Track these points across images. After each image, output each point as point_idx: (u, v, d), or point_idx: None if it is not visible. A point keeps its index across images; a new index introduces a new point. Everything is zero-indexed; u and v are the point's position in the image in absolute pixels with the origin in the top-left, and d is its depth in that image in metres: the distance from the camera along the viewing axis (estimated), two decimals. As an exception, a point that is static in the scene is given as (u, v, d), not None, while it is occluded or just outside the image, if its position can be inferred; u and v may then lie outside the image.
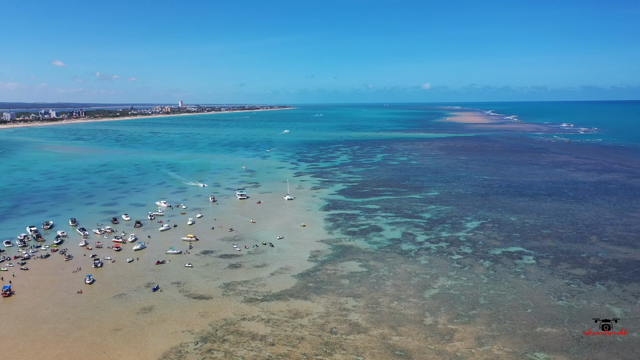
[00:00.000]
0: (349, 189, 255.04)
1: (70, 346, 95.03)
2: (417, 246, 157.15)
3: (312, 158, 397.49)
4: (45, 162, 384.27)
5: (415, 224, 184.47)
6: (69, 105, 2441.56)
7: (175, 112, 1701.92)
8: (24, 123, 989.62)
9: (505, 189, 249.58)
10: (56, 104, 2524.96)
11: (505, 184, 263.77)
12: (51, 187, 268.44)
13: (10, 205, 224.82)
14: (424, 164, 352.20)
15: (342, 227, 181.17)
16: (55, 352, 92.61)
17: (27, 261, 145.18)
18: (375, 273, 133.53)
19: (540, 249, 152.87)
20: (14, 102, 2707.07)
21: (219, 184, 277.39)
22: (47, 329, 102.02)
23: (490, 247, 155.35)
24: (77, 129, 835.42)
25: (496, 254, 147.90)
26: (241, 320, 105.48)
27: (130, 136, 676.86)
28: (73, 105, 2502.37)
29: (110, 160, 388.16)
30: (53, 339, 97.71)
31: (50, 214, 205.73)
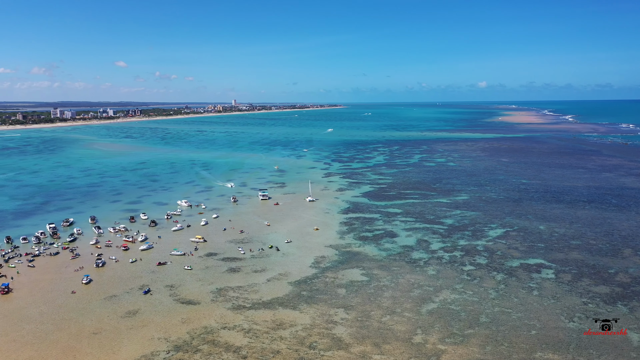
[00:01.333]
0: (375, 191, 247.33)
1: (44, 349, 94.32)
2: (429, 255, 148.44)
3: (347, 158, 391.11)
4: (89, 159, 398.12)
5: (433, 230, 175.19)
6: (130, 104, 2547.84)
7: (227, 111, 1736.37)
8: (82, 121, 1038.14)
9: (542, 194, 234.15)
10: (118, 103, 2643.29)
11: (543, 189, 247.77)
12: (85, 184, 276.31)
13: (41, 201, 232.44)
14: (461, 166, 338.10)
15: (356, 231, 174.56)
16: (26, 355, 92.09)
17: (37, 258, 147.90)
18: (376, 283, 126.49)
19: (563, 261, 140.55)
20: (81, 100, 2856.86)
21: (247, 183, 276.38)
22: (28, 330, 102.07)
23: (508, 258, 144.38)
24: (130, 127, 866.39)
25: (512, 266, 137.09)
26: (221, 329, 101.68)
27: (176, 134, 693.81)
28: (134, 104, 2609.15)
29: (150, 158, 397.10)
30: (30, 340, 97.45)
31: (74, 210, 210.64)
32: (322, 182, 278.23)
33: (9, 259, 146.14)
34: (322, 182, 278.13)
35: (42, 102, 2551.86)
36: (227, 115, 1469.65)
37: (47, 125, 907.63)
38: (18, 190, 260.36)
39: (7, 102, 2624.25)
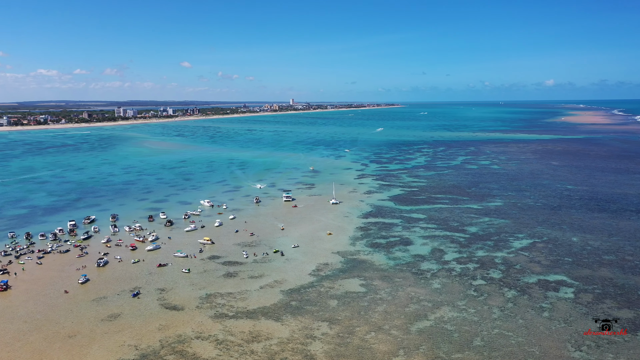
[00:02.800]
0: (404, 195, 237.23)
1: (16, 349, 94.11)
2: (439, 266, 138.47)
3: (386, 159, 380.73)
4: (134, 157, 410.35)
5: (453, 238, 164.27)
6: (193, 103, 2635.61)
7: (282, 110, 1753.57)
8: (142, 120, 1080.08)
9: (585, 202, 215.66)
10: (182, 102, 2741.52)
11: (588, 196, 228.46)
12: (120, 182, 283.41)
13: (74, 198, 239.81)
14: (505, 169, 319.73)
15: (370, 237, 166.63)
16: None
17: (47, 255, 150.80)
18: (372, 295, 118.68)
19: (588, 279, 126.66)
20: (148, 100, 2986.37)
21: (277, 184, 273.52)
22: (8, 329, 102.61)
23: (526, 272, 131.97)
24: (184, 126, 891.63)
25: (528, 283, 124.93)
26: (194, 339, 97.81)
27: (226, 133, 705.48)
28: (197, 103, 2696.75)
29: (191, 157, 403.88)
30: (6, 340, 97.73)
31: (101, 208, 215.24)
32: (353, 183, 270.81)
33: (21, 255, 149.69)
34: (352, 183, 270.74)
35: (113, 102, 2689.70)
36: (281, 114, 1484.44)
37: (110, 123, 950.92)
38: (58, 187, 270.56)
39: (82, 101, 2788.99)
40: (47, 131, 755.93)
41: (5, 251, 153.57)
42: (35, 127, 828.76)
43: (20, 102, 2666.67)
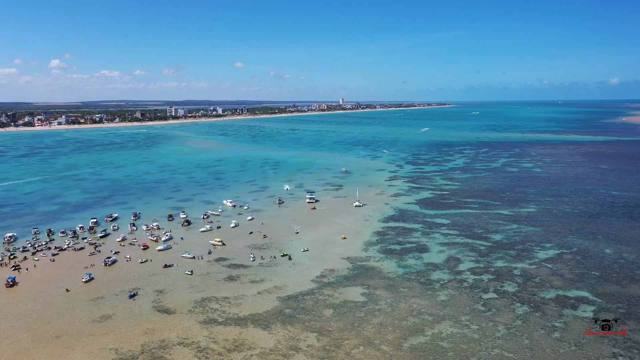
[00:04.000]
0: (432, 198, 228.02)
1: (2, 348, 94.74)
2: (451, 276, 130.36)
3: (423, 161, 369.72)
4: (174, 155, 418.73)
5: (473, 247, 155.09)
6: (246, 102, 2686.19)
7: (331, 110, 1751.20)
8: (192, 119, 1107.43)
9: (629, 210, 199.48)
10: (235, 102, 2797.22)
11: (635, 203, 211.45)
12: (153, 180, 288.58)
13: (104, 195, 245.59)
14: (548, 172, 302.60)
15: (385, 243, 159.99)
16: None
17: (62, 252, 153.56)
18: (371, 306, 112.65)
19: (614, 297, 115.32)
20: (203, 99, 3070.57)
21: (305, 184, 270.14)
22: (1, 327, 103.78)
23: (545, 287, 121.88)
24: (230, 125, 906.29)
25: (544, 298, 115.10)
26: (176, 345, 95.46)
27: (268, 132, 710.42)
28: (249, 102, 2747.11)
29: (228, 156, 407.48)
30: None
31: (128, 206, 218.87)
32: (382, 185, 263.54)
33: (37, 252, 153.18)
34: (382, 185, 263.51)
35: (169, 101, 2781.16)
36: (328, 114, 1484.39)
37: (161, 122, 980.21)
38: (93, 184, 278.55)
39: (140, 101, 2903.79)
40: (101, 130, 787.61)
41: (24, 247, 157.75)
42: (91, 126, 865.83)
43: (84, 101, 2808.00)
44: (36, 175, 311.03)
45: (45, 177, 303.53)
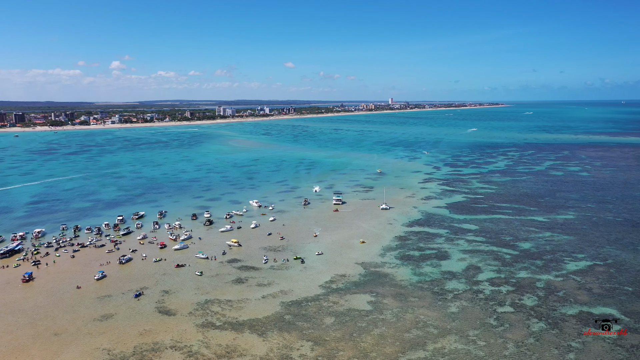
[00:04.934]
0: (464, 202, 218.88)
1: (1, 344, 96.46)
2: (468, 286, 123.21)
3: (463, 162, 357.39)
4: (213, 154, 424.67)
5: (498, 255, 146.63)
6: (296, 102, 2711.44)
7: (378, 109, 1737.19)
8: (239, 118, 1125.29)
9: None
10: (285, 101, 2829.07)
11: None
12: (187, 179, 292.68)
13: (137, 193, 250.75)
14: (596, 176, 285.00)
15: (404, 249, 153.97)
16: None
17: (83, 249, 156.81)
18: (375, 315, 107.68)
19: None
20: (254, 99, 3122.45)
21: (335, 185, 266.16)
22: (8, 321, 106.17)
23: (568, 302, 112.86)
24: (275, 125, 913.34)
25: (565, 314, 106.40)
26: (168, 348, 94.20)
27: (311, 132, 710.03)
28: (299, 102, 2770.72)
29: (265, 156, 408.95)
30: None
31: (157, 204, 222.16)
32: (414, 188, 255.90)
33: (59, 247, 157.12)
34: (414, 188, 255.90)
35: (222, 101, 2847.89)
36: (375, 113, 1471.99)
37: (208, 121, 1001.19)
38: (129, 182, 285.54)
39: (194, 101, 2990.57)
40: (150, 129, 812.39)
41: (49, 242, 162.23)
42: (142, 125, 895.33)
43: (141, 101, 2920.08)
44: (79, 173, 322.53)
45: (87, 175, 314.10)
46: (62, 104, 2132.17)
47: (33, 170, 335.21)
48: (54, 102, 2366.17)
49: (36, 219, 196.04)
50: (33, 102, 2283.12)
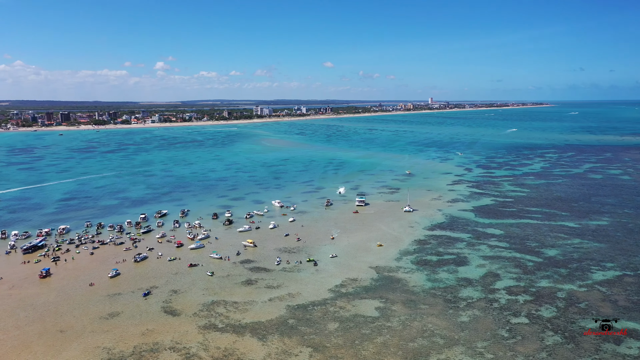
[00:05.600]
0: (492, 206, 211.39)
1: (8, 338, 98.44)
2: (483, 294, 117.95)
3: (497, 164, 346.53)
4: (244, 154, 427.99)
5: (520, 262, 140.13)
6: (334, 102, 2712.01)
7: (417, 109, 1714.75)
8: (275, 118, 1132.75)
9: None
10: (324, 101, 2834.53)
11: None
12: (215, 178, 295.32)
13: (164, 191, 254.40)
14: (637, 180, 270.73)
15: (422, 253, 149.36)
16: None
17: (103, 246, 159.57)
18: (381, 322, 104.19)
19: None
20: (293, 99, 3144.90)
21: (361, 186, 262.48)
22: (17, 316, 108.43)
23: (590, 314, 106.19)
24: (311, 124, 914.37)
25: (585, 328, 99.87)
26: (167, 349, 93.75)
27: (345, 132, 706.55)
28: (338, 102, 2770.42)
29: (295, 155, 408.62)
30: (7, 327, 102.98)
31: (182, 202, 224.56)
32: (442, 190, 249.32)
33: (80, 244, 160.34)
34: (441, 190, 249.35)
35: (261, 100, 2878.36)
36: (412, 113, 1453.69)
37: (245, 121, 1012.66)
38: (159, 180, 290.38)
39: (234, 100, 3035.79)
40: (188, 128, 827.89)
41: (72, 239, 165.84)
42: (180, 124, 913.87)
43: (184, 101, 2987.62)
44: (112, 171, 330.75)
45: (120, 173, 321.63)
46: (108, 104, 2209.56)
47: (70, 168, 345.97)
48: (101, 102, 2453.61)
49: (64, 216, 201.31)
50: (81, 102, 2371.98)
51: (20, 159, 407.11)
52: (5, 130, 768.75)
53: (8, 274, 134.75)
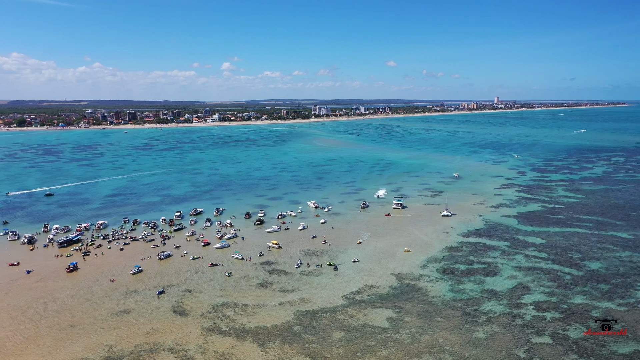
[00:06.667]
0: (539, 212, 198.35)
1: (23, 330, 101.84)
2: (507, 309, 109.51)
3: (554, 167, 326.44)
4: (293, 153, 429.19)
5: (556, 275, 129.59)
6: (397, 101, 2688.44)
7: (480, 109, 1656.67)
8: (333, 117, 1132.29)
9: None
10: (386, 100, 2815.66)
11: None
12: (258, 177, 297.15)
13: (206, 190, 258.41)
14: None
15: (450, 261, 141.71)
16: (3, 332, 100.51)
17: (134, 242, 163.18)
18: (389, 334, 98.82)
19: None
20: (355, 98, 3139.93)
21: (403, 188, 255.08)
22: (36, 308, 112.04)
23: (624, 338, 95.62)
24: (367, 124, 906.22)
25: (615, 352, 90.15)
26: (166, 350, 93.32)
27: (400, 132, 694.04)
28: (401, 101, 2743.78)
29: (344, 155, 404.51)
30: (24, 318, 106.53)
31: (219, 201, 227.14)
32: (488, 194, 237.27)
33: (113, 240, 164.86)
34: (487, 194, 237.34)
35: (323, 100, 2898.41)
36: (475, 113, 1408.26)
37: (302, 120, 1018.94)
38: (204, 178, 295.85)
39: (297, 100, 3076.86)
40: (245, 127, 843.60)
41: (106, 234, 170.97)
42: (238, 123, 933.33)
43: (247, 100, 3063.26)
44: (163, 168, 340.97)
45: (169, 170, 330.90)
46: (177, 103, 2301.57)
47: (125, 165, 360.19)
48: (170, 102, 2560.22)
49: (107, 211, 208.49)
50: (152, 102, 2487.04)
51: (83, 155, 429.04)
52: (77, 128, 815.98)
53: (40, 267, 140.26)
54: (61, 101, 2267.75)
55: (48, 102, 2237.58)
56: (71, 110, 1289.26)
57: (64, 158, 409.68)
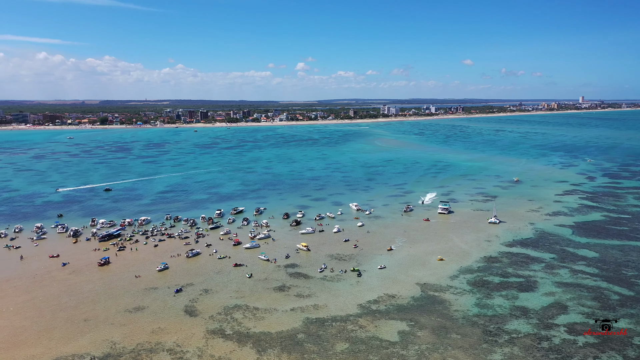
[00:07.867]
0: (599, 222, 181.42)
1: (42, 320, 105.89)
2: (535, 330, 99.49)
3: (630, 173, 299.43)
4: (350, 153, 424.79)
5: (602, 294, 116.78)
6: (474, 101, 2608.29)
7: (561, 109, 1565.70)
8: (401, 117, 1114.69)
9: None
10: (462, 100, 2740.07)
11: None
12: (308, 177, 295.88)
13: (254, 188, 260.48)
14: None
15: (486, 272, 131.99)
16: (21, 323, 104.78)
17: (169, 239, 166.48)
18: (396, 349, 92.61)
19: None
20: (429, 98, 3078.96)
21: (455, 192, 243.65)
22: (60, 300, 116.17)
23: None
24: (435, 124, 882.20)
25: (649, 389, 78.49)
26: (164, 351, 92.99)
27: (468, 133, 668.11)
28: (477, 101, 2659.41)
29: (401, 156, 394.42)
30: (46, 309, 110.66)
31: (264, 200, 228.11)
32: (546, 200, 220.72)
33: (151, 236, 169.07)
34: (545, 200, 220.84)
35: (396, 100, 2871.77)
36: (554, 114, 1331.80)
37: (369, 120, 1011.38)
38: (256, 177, 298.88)
39: (370, 99, 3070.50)
40: (310, 126, 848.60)
41: (145, 230, 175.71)
42: (304, 123, 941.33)
43: (320, 100, 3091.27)
44: (219, 166, 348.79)
45: (225, 168, 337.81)
46: (252, 103, 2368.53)
47: (185, 163, 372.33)
48: (246, 101, 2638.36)
49: (155, 207, 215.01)
50: (229, 101, 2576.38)
51: (150, 152, 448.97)
52: (153, 126, 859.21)
53: (76, 260, 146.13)
54: (144, 101, 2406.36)
55: (133, 102, 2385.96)
56: (152, 109, 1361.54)
57: (131, 155, 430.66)
